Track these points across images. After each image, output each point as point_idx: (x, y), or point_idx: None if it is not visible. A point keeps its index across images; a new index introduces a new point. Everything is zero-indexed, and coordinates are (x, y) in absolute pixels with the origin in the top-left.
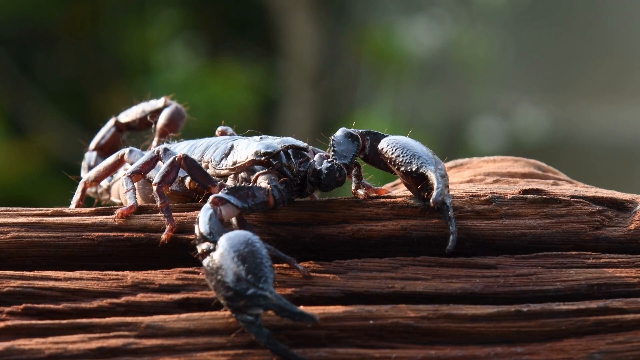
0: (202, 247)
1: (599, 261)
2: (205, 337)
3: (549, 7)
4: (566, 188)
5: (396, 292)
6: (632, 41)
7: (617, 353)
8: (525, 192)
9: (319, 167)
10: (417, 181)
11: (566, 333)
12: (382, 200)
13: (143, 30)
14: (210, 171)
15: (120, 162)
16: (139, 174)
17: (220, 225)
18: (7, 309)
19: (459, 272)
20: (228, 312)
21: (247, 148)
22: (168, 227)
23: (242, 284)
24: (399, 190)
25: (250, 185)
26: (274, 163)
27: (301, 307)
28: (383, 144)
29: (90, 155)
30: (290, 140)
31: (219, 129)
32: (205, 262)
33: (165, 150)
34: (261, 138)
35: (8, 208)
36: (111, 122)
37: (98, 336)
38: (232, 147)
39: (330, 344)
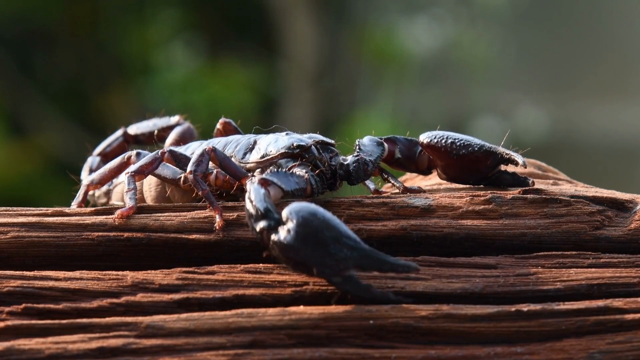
0: (261, 225)
1: (599, 261)
2: (205, 337)
3: (549, 7)
4: (566, 188)
5: (396, 292)
6: (632, 41)
7: (617, 353)
8: (525, 192)
9: (347, 162)
10: (484, 158)
11: (566, 333)
12: (382, 200)
13: (143, 30)
14: None
15: (125, 165)
16: (142, 174)
17: (273, 203)
18: (7, 309)
19: (459, 272)
20: (228, 312)
21: (276, 142)
22: (216, 213)
23: (336, 247)
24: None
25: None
26: (307, 156)
27: (301, 307)
28: (429, 138)
29: (93, 160)
30: (318, 136)
31: (221, 120)
32: (275, 237)
33: (172, 152)
34: (287, 133)
35: (8, 208)
36: (120, 132)
37: (98, 336)
38: (255, 142)
39: (330, 344)
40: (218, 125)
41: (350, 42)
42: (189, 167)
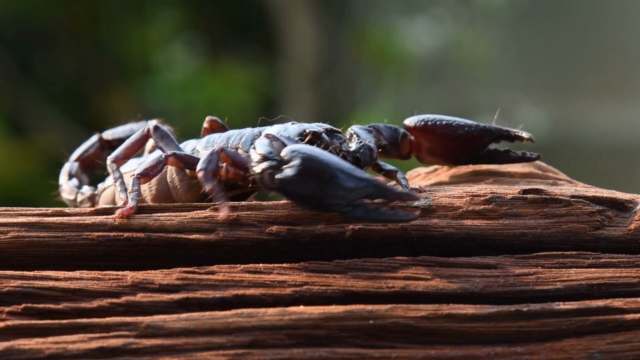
0: (263, 166)
1: (599, 261)
2: (205, 337)
3: (549, 7)
4: (566, 188)
5: (396, 292)
6: (632, 41)
7: (617, 353)
8: (525, 192)
9: (352, 148)
10: (479, 137)
11: (566, 333)
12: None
13: (143, 30)
14: None
15: (145, 139)
16: (147, 177)
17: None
18: (7, 309)
19: (459, 272)
20: (228, 312)
21: (286, 130)
22: (223, 207)
23: (343, 178)
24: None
25: None
26: (318, 142)
27: (301, 307)
28: (419, 122)
29: (72, 166)
30: (325, 124)
31: (208, 118)
32: (281, 175)
33: (176, 155)
34: (293, 123)
35: (8, 208)
36: (95, 138)
37: (98, 336)
38: (261, 133)
39: (330, 344)
40: (205, 124)
41: (350, 42)
42: (199, 166)
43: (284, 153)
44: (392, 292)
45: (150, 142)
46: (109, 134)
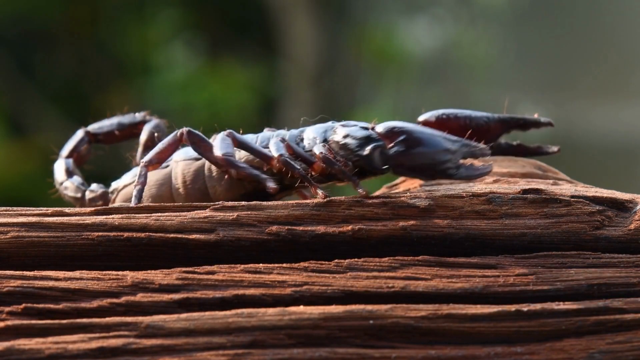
0: (371, 146)
1: (599, 261)
2: (205, 337)
3: (549, 7)
4: (566, 188)
5: (396, 292)
6: (632, 41)
7: (617, 353)
8: (525, 192)
9: None
10: (496, 128)
11: (566, 333)
12: (382, 200)
13: (143, 30)
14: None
15: (178, 142)
16: (157, 164)
17: None
18: (7, 309)
19: (459, 272)
20: (228, 312)
21: (346, 127)
22: (266, 182)
23: (447, 143)
24: (398, 191)
25: None
26: None
27: (301, 307)
28: (440, 115)
29: (67, 162)
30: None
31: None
32: (393, 151)
33: (190, 132)
34: (332, 122)
35: (8, 208)
36: (81, 132)
37: (98, 336)
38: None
39: (330, 344)
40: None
41: (350, 42)
42: (217, 151)
43: (382, 131)
44: (392, 292)
45: (144, 136)
46: (95, 127)
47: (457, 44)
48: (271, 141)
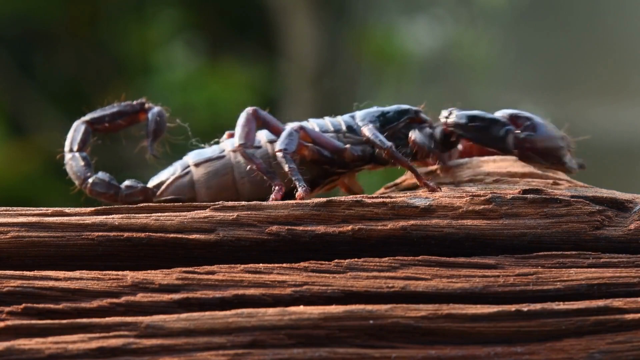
0: (506, 129)
1: (599, 261)
2: (205, 337)
3: (549, 7)
4: (566, 188)
5: (396, 292)
6: (632, 41)
7: (617, 353)
8: (525, 192)
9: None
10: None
11: (566, 333)
12: (382, 200)
13: (143, 30)
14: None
15: (253, 120)
16: (251, 145)
17: None
18: (7, 309)
19: (459, 272)
20: (228, 312)
21: (396, 110)
22: (300, 188)
23: (557, 130)
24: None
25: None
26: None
27: (301, 307)
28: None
29: (82, 155)
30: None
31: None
32: (523, 135)
33: (255, 110)
34: (377, 108)
35: (8, 208)
36: (82, 125)
37: (98, 336)
38: (354, 117)
39: (330, 344)
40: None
41: (350, 42)
42: (278, 146)
43: (508, 116)
44: (392, 292)
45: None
46: (94, 117)
47: (457, 44)
48: (365, 129)
